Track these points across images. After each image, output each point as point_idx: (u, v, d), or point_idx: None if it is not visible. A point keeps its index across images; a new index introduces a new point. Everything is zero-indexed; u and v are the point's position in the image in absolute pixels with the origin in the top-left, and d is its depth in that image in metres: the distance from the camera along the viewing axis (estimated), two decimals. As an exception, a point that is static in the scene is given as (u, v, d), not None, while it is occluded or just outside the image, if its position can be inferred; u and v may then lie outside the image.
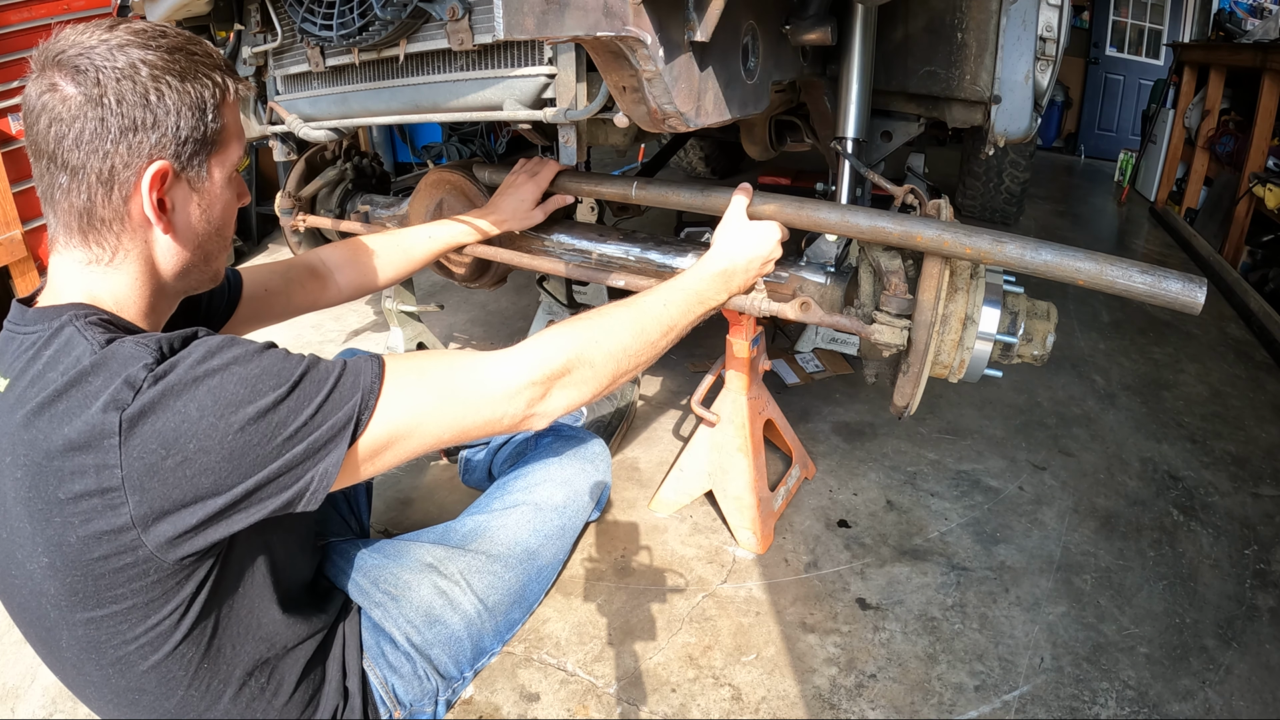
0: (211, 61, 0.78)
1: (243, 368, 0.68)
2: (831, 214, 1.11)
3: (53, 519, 0.66)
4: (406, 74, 1.29)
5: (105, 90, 0.70)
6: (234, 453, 0.67)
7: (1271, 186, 3.11)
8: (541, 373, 0.86)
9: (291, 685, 0.88)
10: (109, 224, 0.74)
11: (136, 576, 0.70)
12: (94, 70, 0.70)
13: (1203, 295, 0.91)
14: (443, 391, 0.80)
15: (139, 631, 0.73)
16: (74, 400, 0.65)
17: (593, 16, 0.76)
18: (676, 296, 1.05)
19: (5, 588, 0.75)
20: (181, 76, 0.74)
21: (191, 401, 0.65)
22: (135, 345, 0.67)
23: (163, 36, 0.75)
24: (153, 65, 0.72)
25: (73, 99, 0.70)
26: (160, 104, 0.73)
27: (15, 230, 2.42)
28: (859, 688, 1.20)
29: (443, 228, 1.38)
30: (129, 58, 0.71)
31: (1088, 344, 2.49)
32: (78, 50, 0.70)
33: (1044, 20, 1.28)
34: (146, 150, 0.73)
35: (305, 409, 0.70)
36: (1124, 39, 6.13)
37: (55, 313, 0.72)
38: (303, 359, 0.73)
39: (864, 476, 1.74)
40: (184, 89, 0.74)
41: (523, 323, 2.56)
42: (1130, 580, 1.43)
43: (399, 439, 0.77)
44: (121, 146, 0.72)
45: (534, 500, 1.22)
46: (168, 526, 0.67)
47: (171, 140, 0.74)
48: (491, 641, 1.15)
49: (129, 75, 0.71)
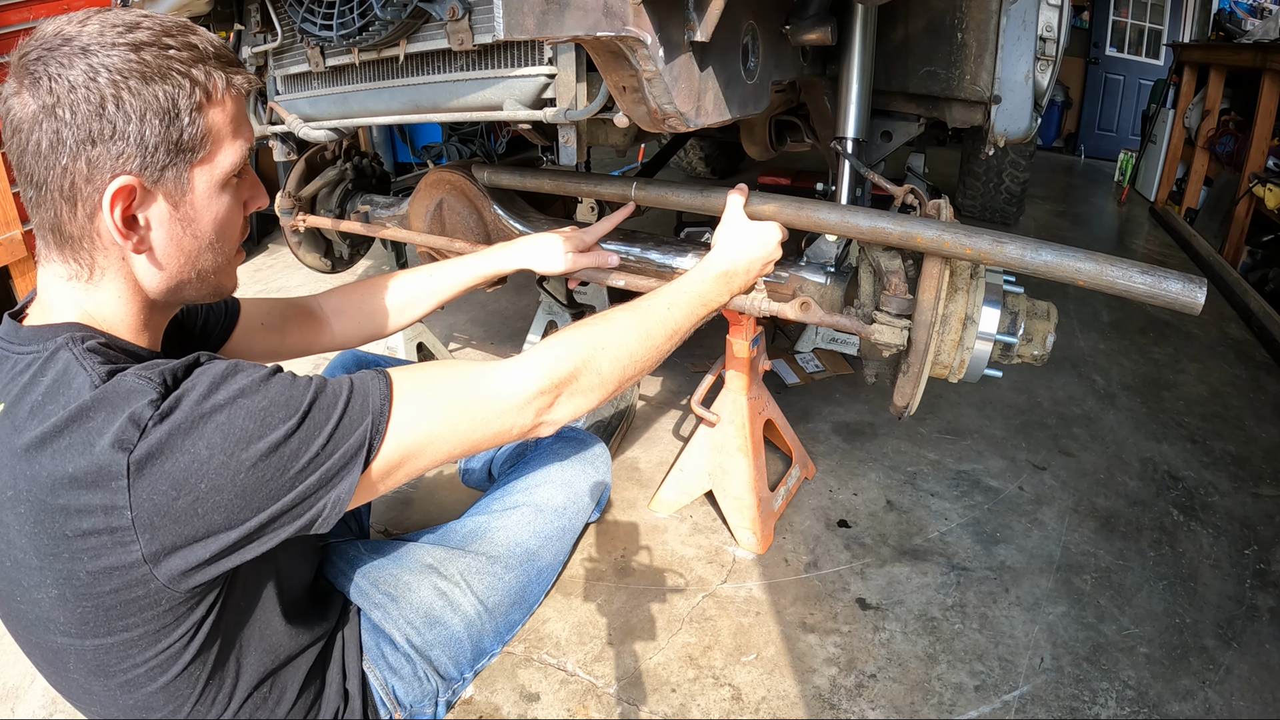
0: (193, 54, 0.70)
1: (250, 400, 0.66)
2: (831, 214, 1.11)
3: (60, 554, 0.65)
4: (406, 74, 1.29)
5: (59, 100, 0.64)
6: (246, 489, 0.65)
7: (1271, 186, 3.11)
8: (550, 381, 0.85)
9: (294, 692, 0.88)
10: (79, 241, 0.70)
11: (148, 606, 0.69)
12: (47, 78, 0.65)
13: (1203, 295, 0.91)
14: (452, 406, 0.79)
15: (148, 655, 0.72)
16: (76, 437, 0.62)
17: (593, 16, 0.76)
18: (679, 299, 1.05)
19: (9, 612, 0.74)
20: (145, 78, 0.66)
21: (200, 440, 0.63)
22: (137, 378, 0.64)
23: (136, 29, 0.67)
24: (112, 69, 0.65)
25: (28, 108, 0.65)
26: (119, 112, 0.66)
27: (15, 230, 2.42)
28: (859, 688, 1.20)
29: (455, 271, 1.26)
30: (88, 62, 0.65)
31: (1088, 344, 2.49)
32: (39, 52, 0.66)
33: (1044, 20, 1.28)
34: (108, 165, 0.67)
35: (317, 438, 0.68)
36: (1124, 39, 6.13)
37: (50, 333, 0.69)
38: (310, 383, 0.71)
39: (864, 476, 1.74)
40: (148, 93, 0.67)
41: (523, 323, 2.56)
42: (1130, 580, 1.43)
43: (411, 458, 0.76)
44: (80, 161, 0.66)
45: (534, 501, 1.22)
46: (179, 560, 0.66)
47: (136, 152, 0.67)
48: (491, 642, 1.15)
49: (84, 83, 0.65)
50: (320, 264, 1.95)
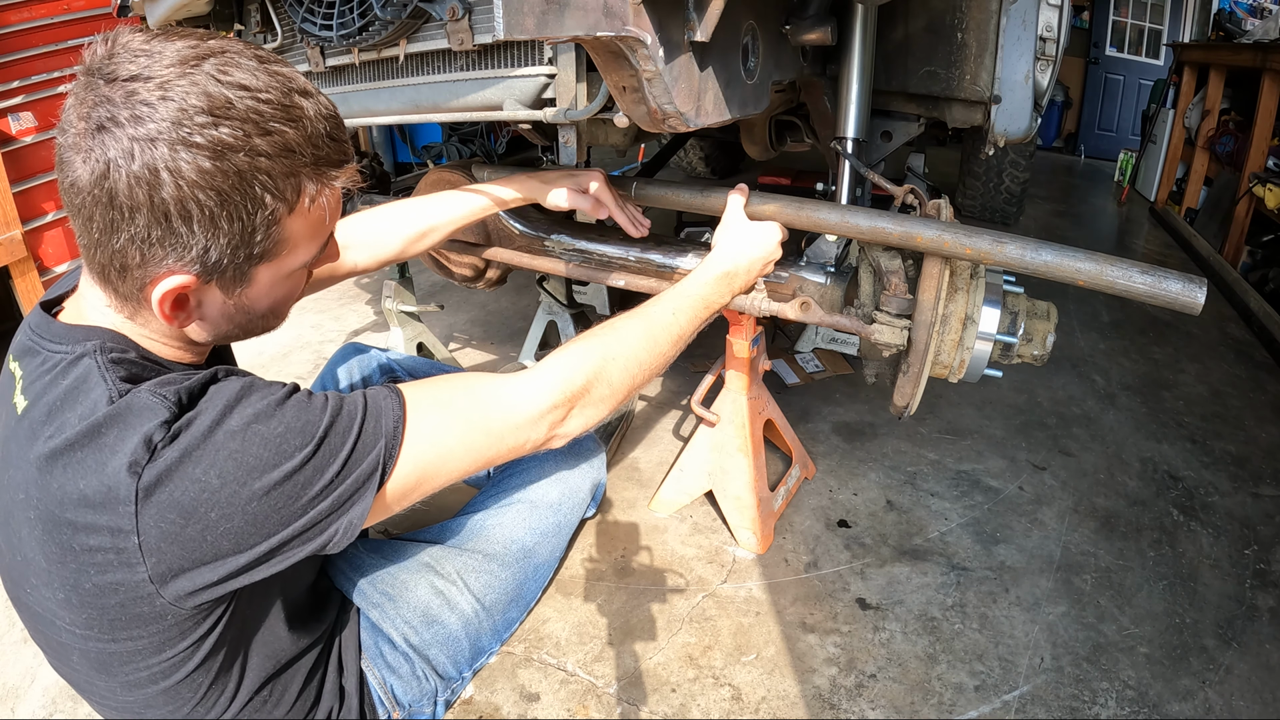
0: (287, 163, 0.62)
1: (265, 426, 0.64)
2: (831, 214, 1.11)
3: (68, 563, 0.65)
4: (406, 74, 1.29)
5: (116, 190, 0.58)
6: (257, 517, 0.64)
7: (1271, 186, 3.10)
8: (563, 395, 0.84)
9: (295, 693, 0.88)
10: (125, 296, 0.67)
11: (153, 620, 0.69)
12: (105, 159, 0.58)
13: (1203, 295, 0.91)
14: (467, 424, 0.78)
15: (152, 662, 0.72)
16: (89, 453, 0.62)
17: (593, 16, 0.76)
18: (683, 303, 1.04)
19: (18, 599, 0.75)
20: (222, 196, 0.60)
21: (212, 469, 0.62)
22: (151, 395, 0.63)
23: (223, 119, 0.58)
24: (183, 176, 0.58)
25: (83, 177, 0.59)
26: (185, 226, 0.60)
27: (15, 230, 2.41)
28: (859, 688, 1.20)
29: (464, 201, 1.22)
30: (155, 154, 0.57)
31: (1088, 344, 2.49)
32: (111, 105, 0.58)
33: (1044, 20, 1.28)
34: (163, 261, 0.63)
35: (331, 465, 0.67)
36: (1124, 39, 6.13)
37: (83, 335, 0.68)
38: (326, 404, 0.68)
39: (864, 476, 1.74)
40: (222, 215, 0.61)
41: (523, 323, 2.56)
42: (1130, 580, 1.43)
43: (427, 479, 0.75)
44: (133, 250, 0.62)
45: (529, 498, 1.22)
46: (185, 582, 0.65)
47: (198, 259, 0.63)
48: (490, 641, 1.15)
49: (148, 179, 0.58)
50: (320, 264, 1.95)
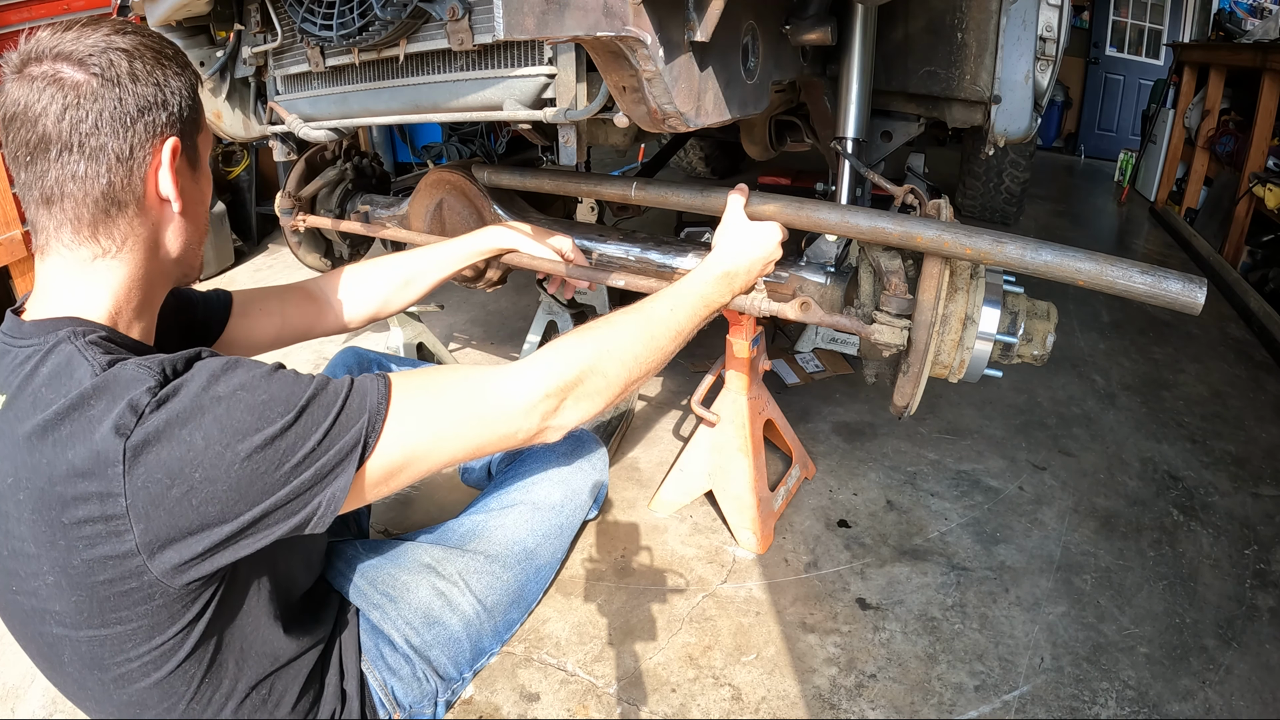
0: (179, 50, 0.82)
1: (250, 394, 0.67)
2: (831, 214, 1.11)
3: (58, 542, 0.66)
4: (406, 74, 1.29)
5: (119, 71, 0.72)
6: (240, 481, 0.66)
7: (1271, 186, 3.11)
8: (555, 385, 0.84)
9: (294, 695, 0.88)
10: (124, 207, 0.75)
11: (142, 600, 0.69)
12: (99, 54, 0.72)
13: (1203, 295, 0.91)
14: (455, 409, 0.79)
15: (143, 650, 0.73)
16: (77, 424, 0.64)
17: (593, 16, 0.76)
18: (682, 301, 1.05)
19: (6, 604, 0.74)
20: (173, 60, 0.78)
21: (198, 430, 0.64)
22: (138, 368, 0.66)
23: (137, 32, 0.78)
24: (149, 49, 0.76)
25: (87, 83, 0.71)
26: (167, 83, 0.76)
27: (15, 230, 2.42)
28: (859, 688, 1.20)
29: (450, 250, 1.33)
30: (128, 42, 0.74)
31: (1088, 344, 2.49)
32: (67, 45, 0.72)
33: (1044, 20, 1.28)
34: (159, 127, 0.75)
35: (313, 434, 0.69)
36: (1124, 39, 6.13)
37: (52, 326, 0.71)
38: (311, 380, 0.72)
39: (864, 476, 1.74)
40: (180, 71, 0.78)
41: (522, 323, 2.56)
42: (1130, 580, 1.43)
43: (413, 460, 0.76)
44: (139, 125, 0.74)
45: (531, 499, 1.22)
46: (173, 554, 0.66)
47: (177, 118, 0.77)
48: (490, 642, 1.15)
49: (138, 55, 0.74)
50: (320, 264, 1.95)
